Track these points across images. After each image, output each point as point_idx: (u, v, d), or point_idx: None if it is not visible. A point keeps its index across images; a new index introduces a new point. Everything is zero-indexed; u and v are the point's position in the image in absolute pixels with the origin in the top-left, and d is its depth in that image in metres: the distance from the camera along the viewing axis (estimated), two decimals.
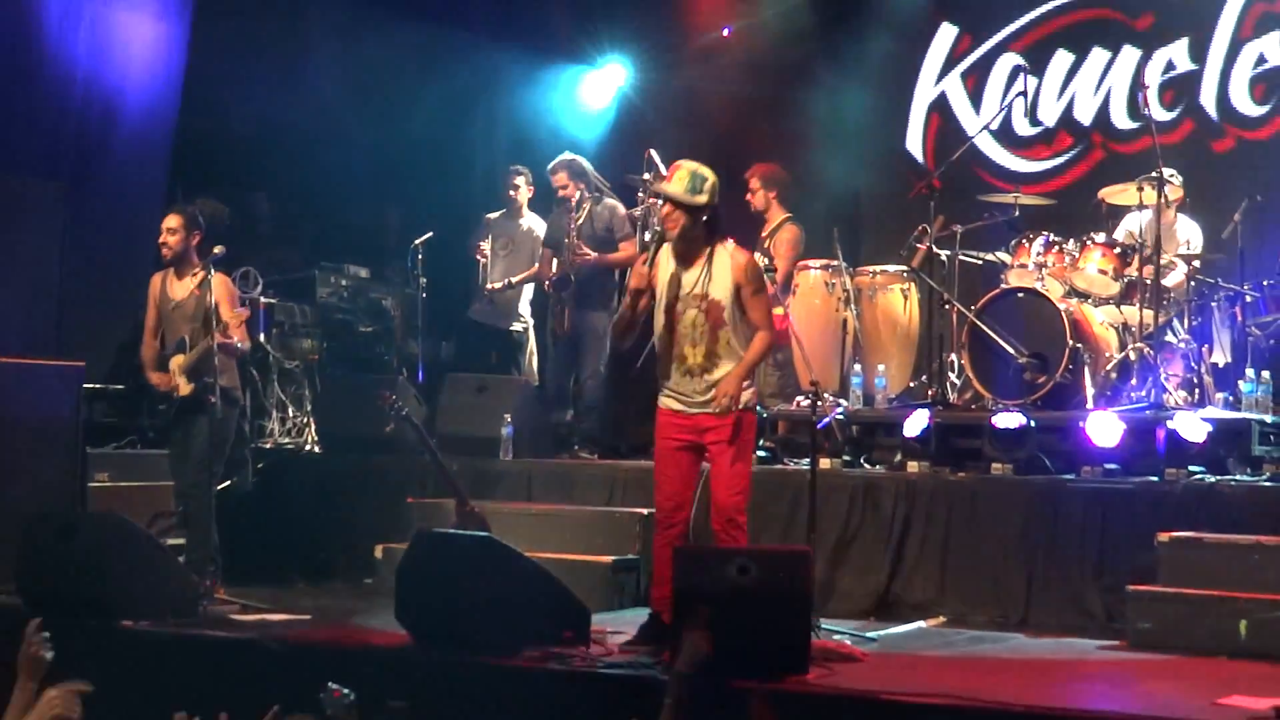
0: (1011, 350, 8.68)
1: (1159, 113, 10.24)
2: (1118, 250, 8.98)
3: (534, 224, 10.85)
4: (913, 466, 8.51)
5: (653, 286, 6.87)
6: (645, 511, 7.99)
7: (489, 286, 10.81)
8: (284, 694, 6.47)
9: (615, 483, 8.99)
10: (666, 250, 6.87)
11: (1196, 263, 9.02)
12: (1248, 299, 8.94)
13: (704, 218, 6.76)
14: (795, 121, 11.56)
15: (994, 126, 11.15)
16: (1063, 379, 8.57)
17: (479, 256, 10.89)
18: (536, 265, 10.61)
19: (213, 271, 8.16)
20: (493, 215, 11.12)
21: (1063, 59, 11.28)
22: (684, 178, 6.75)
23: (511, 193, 10.91)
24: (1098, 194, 9.48)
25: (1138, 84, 10.46)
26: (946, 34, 11.81)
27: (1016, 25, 11.55)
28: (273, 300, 10.99)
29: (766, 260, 9.59)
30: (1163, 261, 8.74)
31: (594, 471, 9.34)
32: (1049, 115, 11.33)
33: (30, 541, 7.68)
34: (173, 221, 8.33)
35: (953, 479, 8.27)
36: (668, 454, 6.89)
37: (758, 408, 6.98)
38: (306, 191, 11.86)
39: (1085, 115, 11.21)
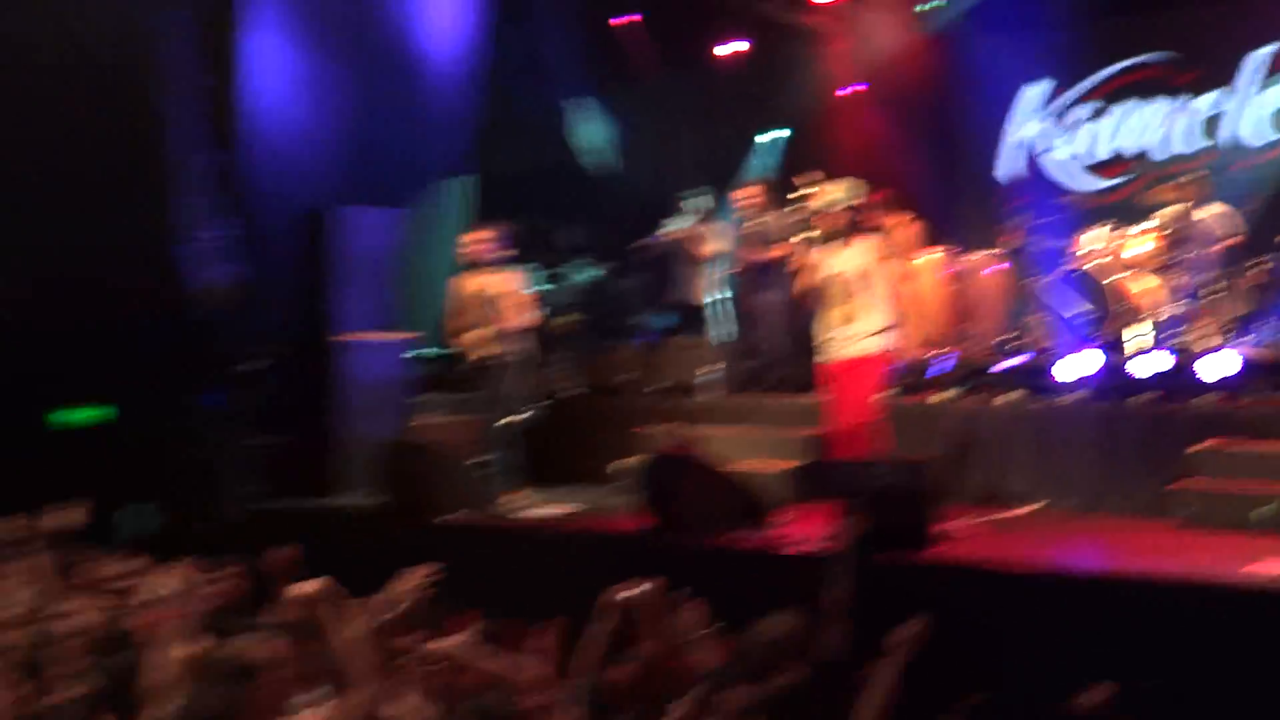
0: (1075, 312, 8.34)
1: (1191, 144, 9.91)
2: (1165, 233, 8.53)
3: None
4: (1004, 398, 8.16)
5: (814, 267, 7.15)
6: (808, 433, 7.80)
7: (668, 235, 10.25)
8: (559, 569, 6.47)
9: (787, 412, 8.79)
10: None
11: (1227, 241, 8.50)
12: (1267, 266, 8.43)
13: (843, 221, 7.07)
14: (918, 150, 11.31)
15: (1067, 157, 10.79)
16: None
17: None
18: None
19: (506, 269, 8.00)
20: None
21: (1131, 104, 10.93)
22: (829, 193, 7.20)
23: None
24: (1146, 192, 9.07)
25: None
26: (1041, 85, 11.40)
27: (1097, 78, 11.15)
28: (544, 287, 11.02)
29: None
30: (1196, 241, 8.32)
31: (772, 404, 9.18)
32: (1116, 147, 10.99)
33: (390, 461, 7.84)
34: (487, 234, 8.02)
35: (1036, 406, 7.93)
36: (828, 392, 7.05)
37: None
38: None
39: (1139, 146, 10.87)
